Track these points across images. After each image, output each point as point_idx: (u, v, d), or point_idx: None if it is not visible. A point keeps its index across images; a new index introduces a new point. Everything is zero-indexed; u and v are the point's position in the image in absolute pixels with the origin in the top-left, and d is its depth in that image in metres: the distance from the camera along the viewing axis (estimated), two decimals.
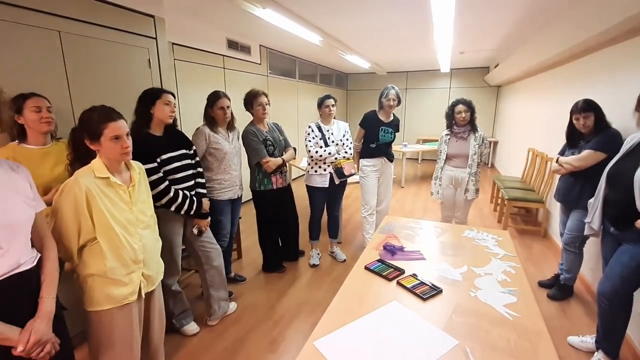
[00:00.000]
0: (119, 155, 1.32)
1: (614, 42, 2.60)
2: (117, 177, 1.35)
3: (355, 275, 1.61)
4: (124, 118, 1.36)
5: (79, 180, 1.25)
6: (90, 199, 1.26)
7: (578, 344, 2.07)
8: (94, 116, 1.30)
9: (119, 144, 1.30)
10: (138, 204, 1.41)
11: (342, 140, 2.86)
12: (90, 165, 1.32)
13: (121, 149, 1.31)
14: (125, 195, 1.36)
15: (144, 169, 1.55)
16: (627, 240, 1.73)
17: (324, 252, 3.31)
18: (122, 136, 1.32)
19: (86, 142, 1.31)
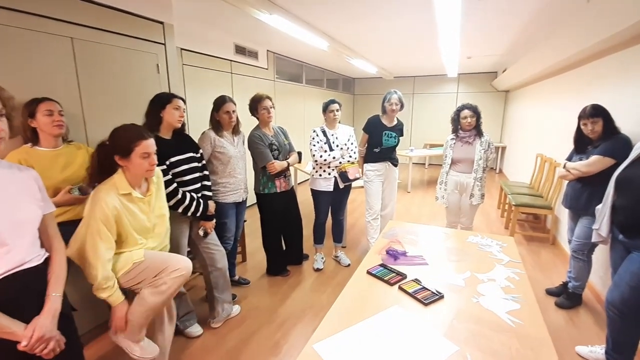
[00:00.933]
0: (146, 171, 1.43)
1: (622, 47, 2.57)
2: (137, 190, 1.43)
3: (357, 279, 1.60)
4: (152, 137, 1.46)
5: (106, 200, 1.36)
6: (118, 220, 1.40)
7: (587, 354, 2.03)
8: (127, 134, 1.42)
9: (147, 161, 1.41)
10: (156, 210, 1.49)
11: (346, 145, 2.87)
12: (112, 181, 1.41)
13: (149, 165, 1.42)
14: (144, 205, 1.43)
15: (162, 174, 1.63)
16: (637, 248, 1.69)
17: (329, 256, 3.30)
18: (151, 154, 1.41)
19: (115, 157, 1.39)
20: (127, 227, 1.42)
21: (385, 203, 3.22)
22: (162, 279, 1.47)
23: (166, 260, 1.53)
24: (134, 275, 1.47)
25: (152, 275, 1.48)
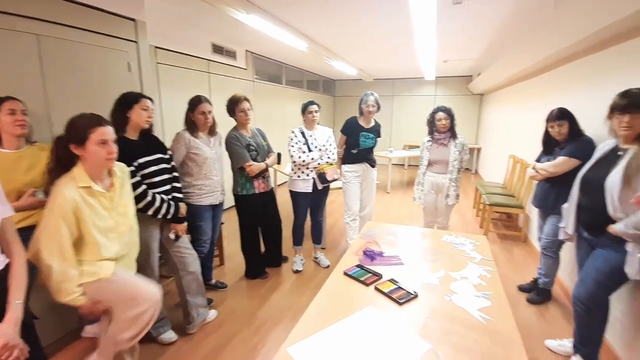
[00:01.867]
0: (104, 160, 1.34)
1: (586, 54, 2.70)
2: (99, 184, 1.36)
3: (334, 280, 1.60)
4: (111, 124, 1.38)
5: (64, 193, 1.26)
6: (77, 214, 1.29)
7: (556, 347, 2.10)
8: (82, 120, 1.34)
9: (104, 149, 1.33)
10: (119, 208, 1.41)
11: (325, 146, 2.87)
12: (71, 174, 1.33)
13: (107, 154, 1.34)
14: (106, 201, 1.36)
15: (128, 171, 1.55)
16: (601, 245, 1.77)
17: (308, 257, 3.29)
18: (109, 141, 1.34)
19: (71, 146, 1.31)
20: (87, 224, 1.32)
21: (363, 204, 3.24)
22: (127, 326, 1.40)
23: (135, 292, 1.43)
24: (95, 291, 1.38)
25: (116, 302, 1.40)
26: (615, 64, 2.29)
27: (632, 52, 2.10)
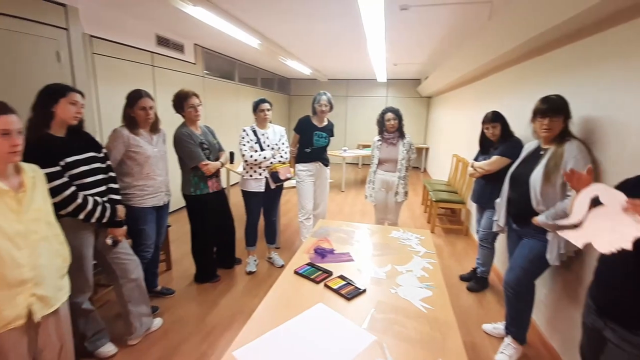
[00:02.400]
0: (6, 154, 1.16)
1: (516, 62, 2.97)
2: (3, 182, 1.17)
3: (284, 280, 1.59)
4: (16, 113, 1.20)
5: None
6: None
7: (491, 330, 2.29)
8: None
9: (7, 141, 1.15)
10: (31, 212, 1.24)
11: (278, 145, 2.85)
12: None
13: (9, 146, 1.16)
14: (13, 202, 1.18)
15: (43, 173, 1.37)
16: (527, 235, 1.96)
17: (262, 258, 3.24)
18: (12, 132, 1.16)
19: None
20: None
21: (317, 202, 3.27)
22: None
23: None
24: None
25: None
26: (539, 72, 2.55)
27: (552, 62, 2.35)
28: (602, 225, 0.98)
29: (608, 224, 0.96)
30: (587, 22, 1.82)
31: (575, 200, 1.07)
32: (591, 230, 1.00)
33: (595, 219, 1.00)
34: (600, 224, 0.98)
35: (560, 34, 2.10)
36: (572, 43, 2.08)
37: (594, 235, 0.99)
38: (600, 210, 1.00)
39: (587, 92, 1.87)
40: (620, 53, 1.65)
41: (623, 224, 0.93)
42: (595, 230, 0.99)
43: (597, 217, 1.00)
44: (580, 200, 1.06)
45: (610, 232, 0.95)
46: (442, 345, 1.15)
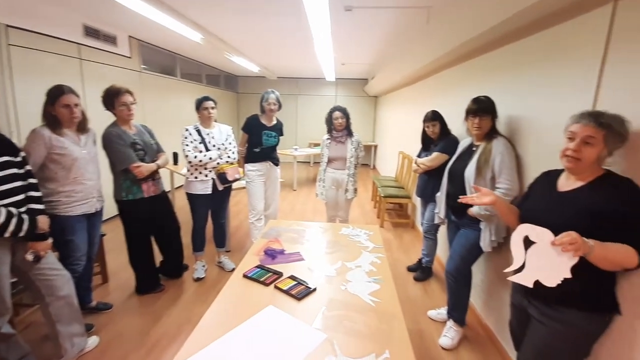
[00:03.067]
0: None
1: (453, 64, 3.19)
2: None
3: (233, 284, 1.54)
4: None
5: None
6: None
7: (435, 316, 2.45)
8: None
9: None
10: None
11: (224, 145, 2.74)
12: None
13: None
14: None
15: None
16: (464, 225, 2.11)
17: (211, 263, 3.11)
18: None
19: None
20: None
21: (268, 203, 3.22)
22: None
23: None
24: None
25: None
26: (471, 74, 2.76)
27: (482, 65, 2.56)
28: (541, 262, 1.09)
29: (545, 259, 1.08)
30: (510, 29, 2.01)
31: (511, 246, 1.18)
32: (534, 269, 1.12)
33: (533, 257, 1.12)
34: (539, 262, 1.10)
35: (488, 40, 2.30)
36: (499, 48, 2.28)
37: (539, 273, 1.10)
38: (534, 248, 1.11)
39: (511, 93, 2.07)
40: (536, 58, 1.85)
41: (557, 257, 1.05)
42: (537, 267, 1.11)
43: (534, 255, 1.11)
44: (514, 244, 1.16)
45: (551, 267, 1.06)
46: (389, 336, 1.20)
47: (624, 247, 1.05)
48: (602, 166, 1.19)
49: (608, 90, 1.35)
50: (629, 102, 1.24)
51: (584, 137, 1.14)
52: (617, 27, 1.31)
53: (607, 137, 1.12)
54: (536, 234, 1.11)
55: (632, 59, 1.24)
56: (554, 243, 1.04)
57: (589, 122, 1.14)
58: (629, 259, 1.05)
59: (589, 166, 1.16)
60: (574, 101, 1.50)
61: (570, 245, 1.00)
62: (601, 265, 1.07)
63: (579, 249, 1.01)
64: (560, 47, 1.65)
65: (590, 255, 1.03)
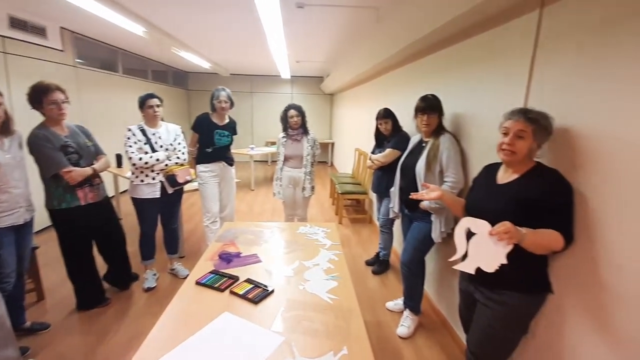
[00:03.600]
0: None
1: (403, 64, 3.31)
2: None
3: (185, 293, 1.46)
4: None
5: None
6: None
7: (393, 307, 2.53)
8: None
9: None
10: None
11: (172, 145, 2.59)
12: None
13: None
14: None
15: None
16: (416, 218, 2.20)
17: (163, 271, 2.94)
18: None
19: None
20: None
21: (223, 204, 3.11)
22: None
23: None
24: None
25: None
26: (420, 73, 2.88)
27: (429, 65, 2.68)
28: (481, 251, 1.19)
29: (484, 248, 1.17)
30: (451, 32, 2.12)
31: (454, 238, 1.28)
32: (475, 257, 1.21)
33: (474, 247, 1.21)
34: (479, 250, 1.20)
35: (433, 42, 2.41)
36: (443, 49, 2.40)
37: (479, 260, 1.20)
38: (474, 239, 1.21)
39: (455, 92, 2.19)
40: (475, 60, 1.97)
41: (494, 246, 1.14)
42: (477, 256, 1.21)
43: (475, 245, 1.21)
44: (457, 235, 1.26)
45: (489, 255, 1.16)
46: (347, 332, 1.21)
47: (552, 232, 1.16)
48: (534, 158, 1.30)
49: (536, 88, 1.47)
50: (553, 99, 1.37)
51: (516, 131, 1.24)
52: (543, 31, 1.44)
53: (535, 131, 1.23)
54: (476, 225, 1.19)
55: (556, 61, 1.36)
56: (491, 233, 1.12)
57: (519, 118, 1.25)
58: (556, 243, 1.17)
59: (522, 158, 1.27)
60: (509, 99, 1.62)
61: (505, 234, 1.09)
62: (533, 250, 1.18)
63: (513, 237, 1.10)
64: (496, 49, 1.77)
65: (523, 241, 1.13)
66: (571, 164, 1.26)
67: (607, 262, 1.12)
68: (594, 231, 1.17)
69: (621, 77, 1.08)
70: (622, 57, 1.08)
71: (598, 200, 1.16)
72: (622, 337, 1.08)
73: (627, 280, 1.06)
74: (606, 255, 1.13)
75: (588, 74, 1.20)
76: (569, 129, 1.27)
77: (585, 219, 1.20)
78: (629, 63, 1.05)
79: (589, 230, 1.19)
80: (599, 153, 1.15)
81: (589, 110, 1.19)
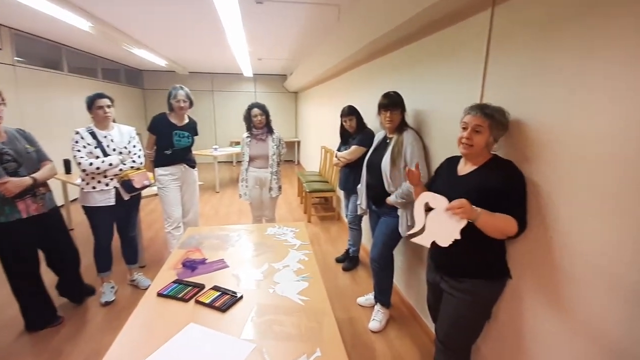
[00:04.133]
0: None
1: (366, 61, 3.34)
2: None
3: (146, 306, 1.36)
4: None
5: None
6: None
7: (364, 302, 2.56)
8: None
9: None
10: None
11: (127, 148, 2.42)
12: None
13: None
14: None
15: None
16: (384, 214, 2.23)
17: (123, 283, 2.75)
18: None
19: None
20: None
21: (186, 208, 2.97)
22: None
23: None
24: None
25: None
26: (383, 70, 2.92)
27: (391, 62, 2.72)
28: (437, 225, 1.24)
29: (440, 223, 1.23)
30: (411, 30, 2.16)
31: (414, 211, 1.32)
32: (431, 231, 1.27)
33: (431, 222, 1.26)
34: (436, 225, 1.25)
35: (393, 40, 2.45)
36: (404, 47, 2.44)
37: (435, 234, 1.25)
38: (432, 214, 1.26)
39: (417, 88, 2.24)
40: (435, 57, 2.03)
41: (450, 221, 1.20)
42: (434, 230, 1.26)
43: (432, 220, 1.26)
44: (417, 210, 1.31)
45: (444, 230, 1.22)
46: (320, 333, 1.19)
47: (506, 217, 1.23)
48: (491, 151, 1.36)
49: (491, 84, 1.54)
50: (506, 94, 1.44)
51: (473, 126, 1.30)
52: (495, 29, 1.51)
53: (491, 125, 1.28)
54: (435, 200, 1.25)
55: (508, 58, 1.43)
56: (447, 208, 1.18)
57: (477, 113, 1.30)
58: (510, 227, 1.23)
59: (480, 151, 1.32)
60: (466, 95, 1.68)
61: (459, 209, 1.15)
62: (488, 232, 1.24)
63: (466, 212, 1.16)
64: (453, 46, 1.83)
65: (478, 220, 1.19)
66: (524, 156, 1.33)
67: (559, 246, 1.20)
68: (546, 218, 1.24)
69: (566, 74, 1.15)
70: (565, 55, 1.15)
71: (549, 188, 1.23)
72: (574, 313, 1.15)
73: (576, 261, 1.14)
74: (558, 240, 1.20)
75: (536, 70, 1.27)
76: (521, 123, 1.34)
77: (538, 207, 1.27)
78: (571, 61, 1.12)
79: (542, 217, 1.26)
80: (548, 144, 1.22)
81: (539, 104, 1.26)
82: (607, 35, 1.01)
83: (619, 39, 0.98)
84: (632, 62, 0.94)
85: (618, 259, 1.01)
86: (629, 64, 0.95)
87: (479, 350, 1.66)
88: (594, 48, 1.05)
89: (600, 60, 1.03)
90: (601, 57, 1.03)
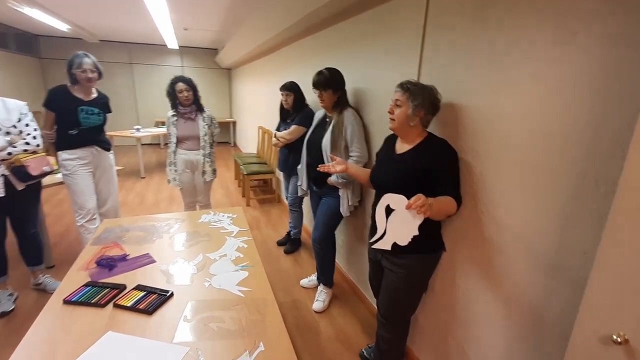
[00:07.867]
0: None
1: (304, 36, 3.18)
2: None
3: (49, 315, 1.13)
4: None
5: None
6: None
7: (307, 283, 2.54)
8: None
9: None
10: None
11: (16, 127, 1.98)
12: None
13: None
14: None
15: None
16: (325, 194, 2.20)
17: (26, 288, 2.33)
18: None
19: None
20: None
21: (103, 197, 2.59)
22: None
23: None
24: None
25: None
26: (324, 45, 2.77)
27: (332, 37, 2.61)
28: (397, 226, 1.21)
29: (401, 223, 1.20)
30: (349, 3, 2.08)
31: (376, 217, 1.27)
32: (392, 233, 1.23)
33: (392, 223, 1.22)
34: (396, 226, 1.21)
35: (332, 13, 2.34)
36: (343, 21, 2.36)
37: (395, 236, 1.22)
38: (393, 215, 1.21)
39: (356, 65, 2.19)
40: (374, 33, 1.98)
41: (409, 218, 1.17)
42: (394, 231, 1.22)
43: (393, 221, 1.22)
44: (378, 214, 1.25)
45: (404, 228, 1.19)
46: (262, 325, 1.11)
47: (448, 198, 1.26)
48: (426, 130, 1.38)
49: (427, 63, 1.55)
50: (440, 74, 1.45)
51: (394, 100, 1.35)
52: (431, 8, 1.50)
53: (409, 99, 1.30)
54: (394, 201, 1.21)
55: (442, 37, 1.44)
56: (408, 207, 1.14)
57: (398, 88, 1.34)
58: (452, 208, 1.28)
59: (402, 126, 1.35)
60: (403, 73, 1.67)
61: (422, 207, 1.12)
62: (437, 218, 1.27)
63: (428, 209, 1.13)
64: (390, 23, 1.80)
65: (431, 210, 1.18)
66: (456, 133, 1.37)
67: (489, 219, 1.27)
68: (478, 193, 1.30)
69: (494, 54, 1.18)
70: (495, 34, 1.18)
71: (480, 165, 1.29)
72: (503, 281, 1.25)
73: (503, 232, 1.22)
74: (488, 214, 1.27)
75: (468, 49, 1.30)
76: (454, 102, 1.37)
77: (470, 183, 1.33)
78: (500, 40, 1.15)
79: (474, 192, 1.32)
80: (479, 123, 1.27)
81: (470, 84, 1.30)
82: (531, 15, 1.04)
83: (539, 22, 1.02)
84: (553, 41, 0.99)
85: (536, 229, 1.09)
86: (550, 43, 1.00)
87: (417, 321, 1.75)
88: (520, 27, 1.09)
89: (525, 41, 1.07)
90: (526, 37, 1.07)
